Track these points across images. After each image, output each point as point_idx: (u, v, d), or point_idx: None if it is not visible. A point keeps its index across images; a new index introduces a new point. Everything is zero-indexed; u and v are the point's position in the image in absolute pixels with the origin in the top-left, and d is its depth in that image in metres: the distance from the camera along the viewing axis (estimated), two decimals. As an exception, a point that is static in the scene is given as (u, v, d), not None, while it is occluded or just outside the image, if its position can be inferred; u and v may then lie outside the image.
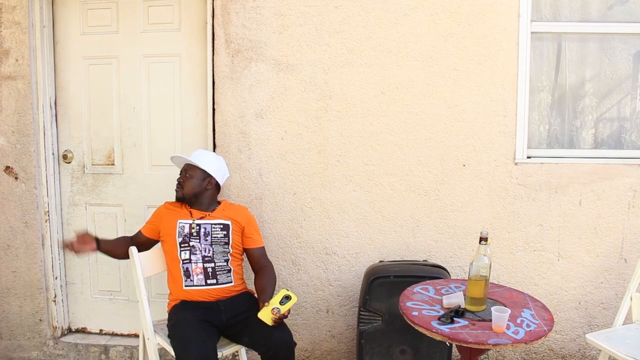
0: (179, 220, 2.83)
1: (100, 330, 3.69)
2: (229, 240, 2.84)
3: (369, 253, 3.28)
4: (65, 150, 3.53)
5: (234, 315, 2.73)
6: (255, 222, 2.97)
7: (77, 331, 3.71)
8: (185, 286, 2.77)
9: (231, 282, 2.81)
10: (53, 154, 3.50)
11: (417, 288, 2.63)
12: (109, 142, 3.52)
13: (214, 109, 3.27)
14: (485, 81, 3.14)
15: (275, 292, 2.71)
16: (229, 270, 2.82)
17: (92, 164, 3.55)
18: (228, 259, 2.83)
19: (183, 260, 2.78)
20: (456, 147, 3.19)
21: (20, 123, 3.36)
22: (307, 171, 3.24)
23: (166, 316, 2.87)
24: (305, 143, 3.22)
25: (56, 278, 3.55)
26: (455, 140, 3.18)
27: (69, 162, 3.54)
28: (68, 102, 3.52)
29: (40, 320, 3.54)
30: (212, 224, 2.84)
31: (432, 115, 3.17)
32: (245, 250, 2.92)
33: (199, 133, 3.39)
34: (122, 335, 3.66)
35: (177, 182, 2.89)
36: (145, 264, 2.86)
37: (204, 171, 2.86)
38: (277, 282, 2.90)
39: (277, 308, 2.52)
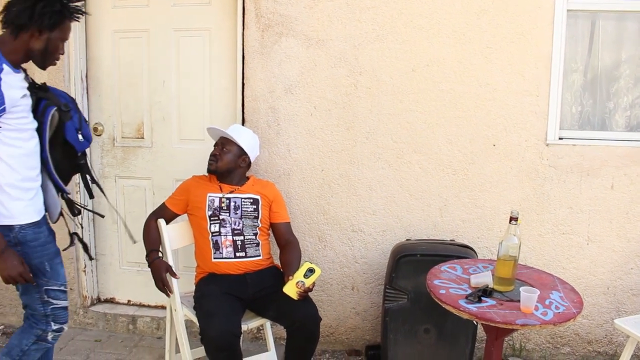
0: (209, 194, 2.85)
1: (128, 300, 3.76)
2: (258, 214, 2.86)
3: (396, 231, 3.27)
4: (96, 123, 3.57)
5: (260, 289, 2.75)
6: (282, 198, 3.00)
7: (106, 301, 3.79)
8: (214, 258, 2.79)
9: (259, 255, 2.84)
10: (84, 127, 3.54)
11: (444, 267, 2.62)
12: (138, 115, 3.55)
13: (243, 84, 3.26)
14: (519, 60, 3.08)
15: (300, 265, 2.72)
16: (258, 244, 2.85)
17: (122, 137, 3.59)
18: (257, 233, 2.85)
19: (212, 233, 2.80)
20: (486, 127, 3.14)
21: (52, 95, 3.39)
22: (335, 147, 3.23)
23: (193, 288, 2.91)
24: (334, 119, 3.21)
25: (86, 249, 3.61)
26: (486, 119, 3.14)
27: (99, 135, 3.58)
28: (99, 75, 3.55)
29: (71, 289, 3.60)
30: (242, 198, 2.86)
31: (462, 94, 3.13)
32: (271, 225, 2.94)
33: (228, 108, 3.40)
34: (149, 306, 3.72)
35: (212, 155, 2.89)
36: (173, 237, 2.89)
37: (241, 148, 2.88)
38: (302, 258, 2.91)
39: (302, 281, 2.53)
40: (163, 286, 2.69)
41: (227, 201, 2.83)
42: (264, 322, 2.87)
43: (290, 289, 2.52)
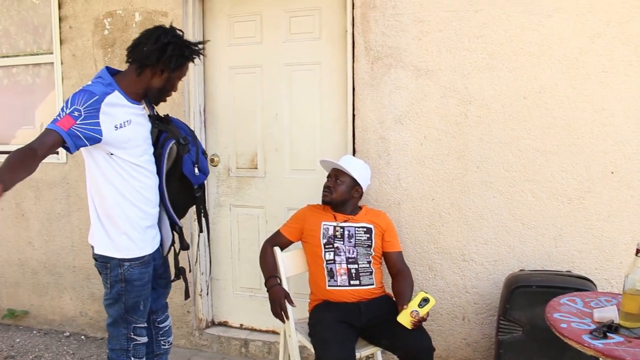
0: (323, 222, 2.93)
1: (241, 324, 3.90)
2: (371, 243, 2.91)
3: (508, 261, 3.20)
4: (213, 155, 3.77)
5: (374, 317, 2.78)
6: (394, 227, 3.04)
7: (220, 324, 3.95)
8: (329, 286, 2.85)
9: (373, 284, 2.87)
10: (202, 158, 3.75)
11: (563, 299, 2.53)
12: (252, 146, 3.71)
13: (353, 115, 3.35)
14: (637, 83, 2.96)
15: (413, 295, 2.72)
16: (371, 273, 2.89)
17: (237, 168, 3.77)
18: (370, 261, 2.90)
19: (327, 261, 2.88)
20: (603, 154, 3.03)
21: (174, 129, 3.64)
22: (445, 177, 3.23)
23: (305, 315, 2.99)
24: (444, 149, 3.21)
25: (202, 274, 3.80)
26: (603, 146, 3.03)
27: (215, 166, 3.78)
28: (215, 109, 3.77)
29: (188, 312, 3.81)
30: (355, 227, 2.92)
31: (577, 120, 3.04)
32: (384, 254, 2.97)
33: (339, 138, 3.49)
34: (260, 331, 3.84)
35: (325, 186, 2.97)
36: (287, 264, 2.98)
37: (353, 179, 2.94)
38: (415, 288, 2.92)
39: (416, 311, 2.54)
40: (280, 312, 2.77)
41: (341, 230, 2.90)
42: (376, 350, 2.88)
43: (405, 318, 2.54)
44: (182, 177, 2.50)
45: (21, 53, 4.24)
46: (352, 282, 2.85)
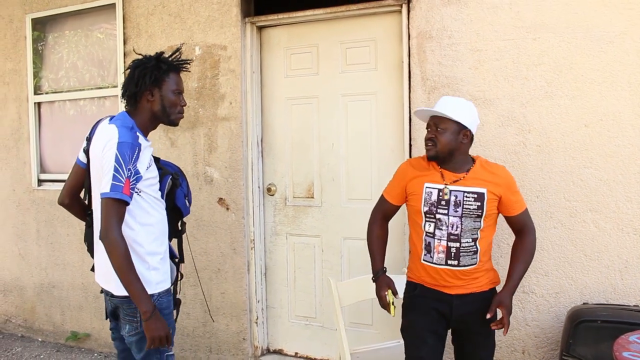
0: (426, 184, 2.52)
1: (296, 353, 3.90)
2: (482, 212, 2.47)
3: (570, 294, 3.11)
4: (270, 184, 3.83)
5: (461, 321, 2.56)
6: (515, 184, 2.58)
7: (275, 352, 3.96)
8: (423, 260, 2.54)
9: (475, 263, 2.51)
10: (259, 187, 3.82)
11: (633, 337, 2.43)
12: (309, 176, 3.76)
13: (410, 145, 3.34)
14: None
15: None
16: (475, 252, 2.51)
17: (293, 197, 3.82)
18: (476, 237, 2.50)
19: (427, 233, 2.53)
20: (671, 183, 2.93)
21: (232, 159, 3.73)
22: (504, 207, 3.17)
23: (361, 346, 2.98)
24: (502, 178, 3.17)
25: (258, 301, 3.84)
26: (671, 175, 2.93)
27: (272, 195, 3.84)
28: (272, 140, 3.84)
29: (244, 339, 3.84)
30: (464, 192, 2.47)
31: (642, 148, 2.96)
32: (506, 217, 2.60)
33: (396, 169, 3.45)
34: (315, 359, 3.83)
35: (427, 139, 2.51)
36: (343, 294, 2.98)
37: (458, 123, 2.47)
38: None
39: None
40: (381, 304, 2.58)
41: (448, 194, 2.48)
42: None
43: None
44: (171, 211, 2.53)
45: (86, 87, 4.44)
46: (449, 262, 2.47)
